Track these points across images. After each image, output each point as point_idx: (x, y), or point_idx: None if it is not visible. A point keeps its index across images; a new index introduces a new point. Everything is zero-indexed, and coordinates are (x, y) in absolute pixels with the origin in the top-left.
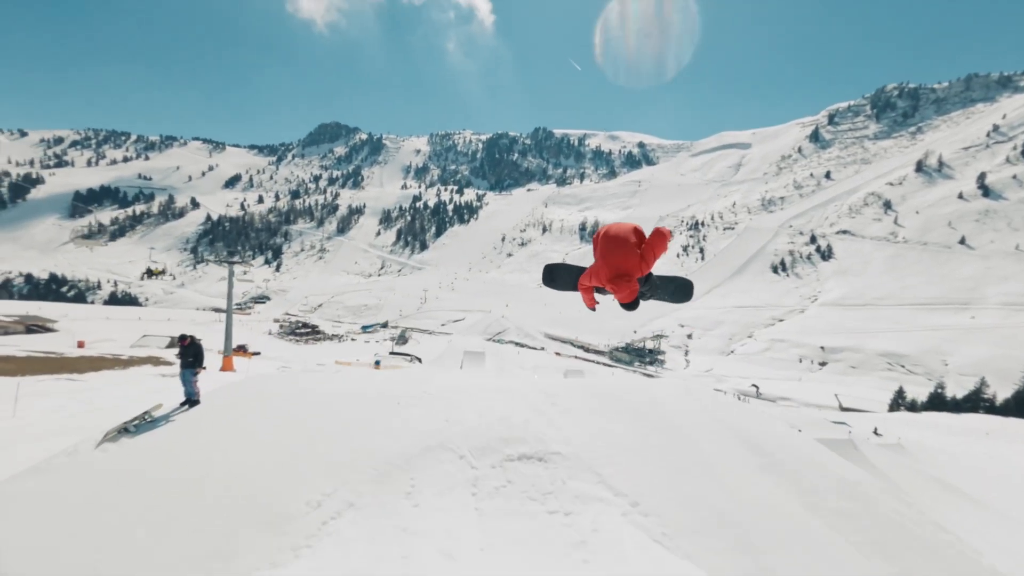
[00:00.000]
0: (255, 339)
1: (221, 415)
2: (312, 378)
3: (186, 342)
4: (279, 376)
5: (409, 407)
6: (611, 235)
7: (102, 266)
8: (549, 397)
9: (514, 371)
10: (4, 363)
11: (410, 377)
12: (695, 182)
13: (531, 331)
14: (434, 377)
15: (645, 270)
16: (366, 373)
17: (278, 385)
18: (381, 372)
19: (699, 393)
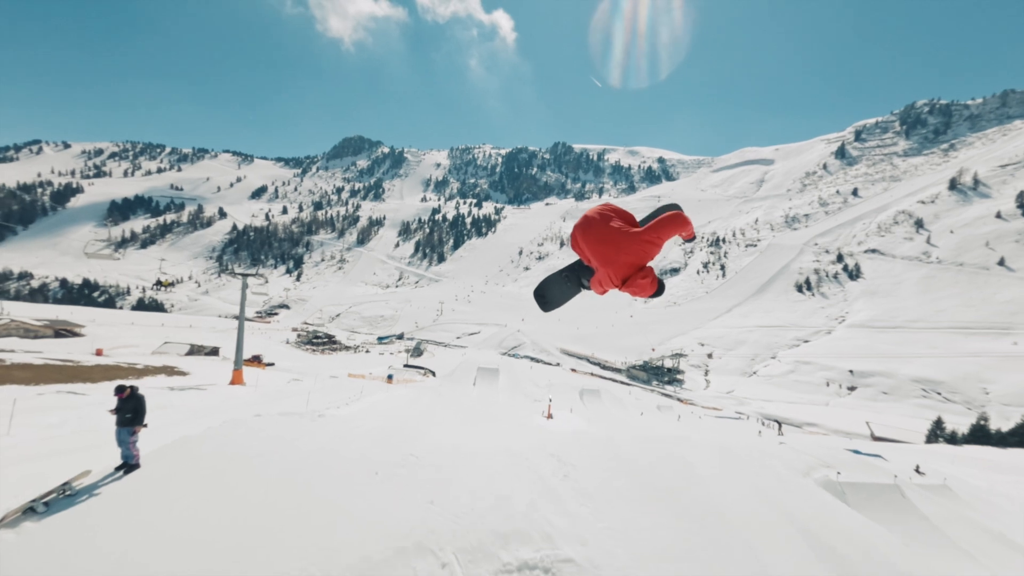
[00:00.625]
0: (273, 348)
1: (158, 490)
2: (287, 429)
3: (124, 394)
4: (248, 426)
5: (389, 478)
6: (597, 235)
7: (132, 272)
8: (561, 465)
9: (528, 388)
10: (21, 371)
11: (400, 429)
12: (716, 198)
13: (547, 346)
14: (426, 433)
15: (655, 251)
16: (349, 419)
17: (242, 442)
18: (384, 397)
19: (739, 457)
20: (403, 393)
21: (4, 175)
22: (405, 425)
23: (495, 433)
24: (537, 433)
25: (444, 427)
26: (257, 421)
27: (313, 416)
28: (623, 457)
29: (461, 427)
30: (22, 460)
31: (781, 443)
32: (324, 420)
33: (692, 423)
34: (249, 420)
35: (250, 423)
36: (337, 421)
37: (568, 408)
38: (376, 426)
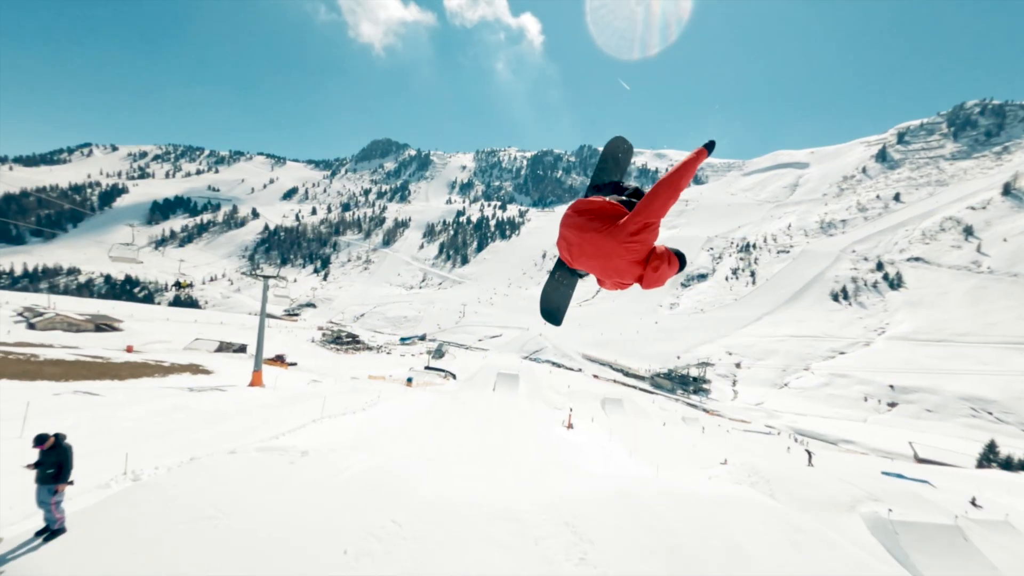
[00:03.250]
0: (299, 346)
1: (75, 568)
2: (257, 475)
3: (45, 444)
4: (212, 472)
5: (359, 558)
6: (583, 252)
7: (170, 270)
8: (577, 541)
9: (548, 395)
10: (52, 367)
11: (391, 475)
12: (747, 202)
13: (569, 351)
14: (420, 481)
15: (651, 238)
16: (335, 460)
17: (196, 496)
18: (399, 403)
19: (797, 528)
20: (420, 399)
21: (58, 176)
22: (398, 467)
23: (500, 480)
24: (551, 480)
25: (436, 487)
26: (226, 463)
27: (295, 455)
28: (656, 528)
29: (455, 485)
30: None
31: (810, 468)
32: (306, 459)
33: (720, 437)
34: (217, 461)
35: (215, 467)
36: (319, 461)
37: (589, 417)
38: (364, 470)
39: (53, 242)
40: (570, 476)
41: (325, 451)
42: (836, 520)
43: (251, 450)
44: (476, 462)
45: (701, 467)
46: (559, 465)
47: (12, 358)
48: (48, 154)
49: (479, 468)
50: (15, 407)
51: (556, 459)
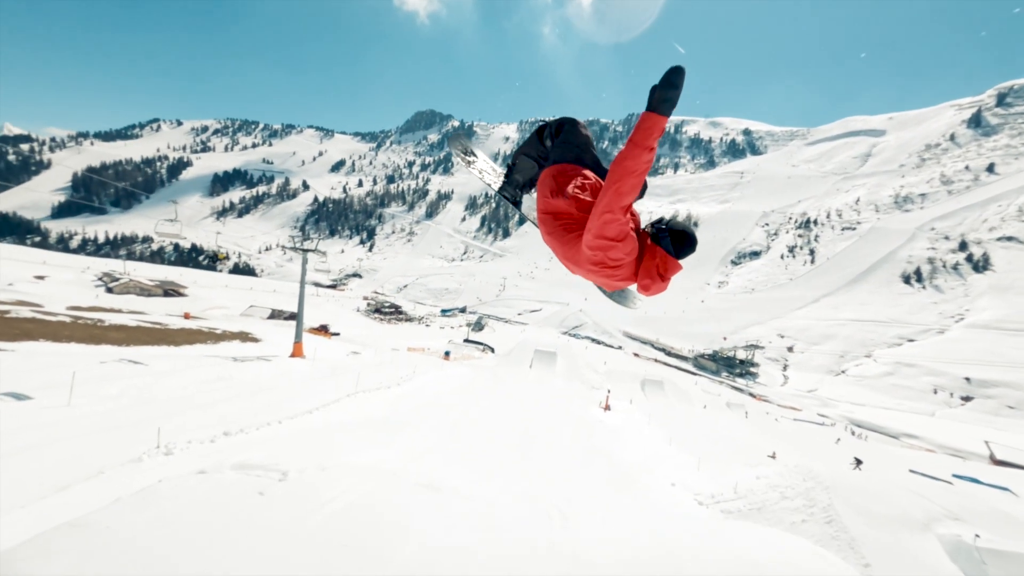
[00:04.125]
0: (344, 315)
1: None
2: (216, 511)
3: None
4: (160, 507)
5: None
6: (564, 259)
7: (230, 239)
8: None
9: (587, 374)
10: (116, 332)
11: (381, 515)
12: (810, 174)
13: (609, 328)
14: (420, 529)
15: (612, 228)
16: (317, 489)
17: (123, 548)
18: (434, 377)
19: None
20: (456, 374)
21: (132, 150)
22: (399, 492)
23: (508, 536)
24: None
25: (467, 464)
26: (184, 493)
27: (274, 477)
28: None
29: (490, 464)
30: (75, 436)
31: (857, 469)
32: (283, 487)
33: (767, 425)
34: (176, 490)
35: (168, 501)
36: (299, 488)
37: (628, 399)
38: (351, 502)
39: (129, 212)
40: (603, 517)
41: (313, 470)
42: (909, 541)
43: (226, 469)
44: (505, 463)
45: (747, 460)
46: (595, 454)
47: (81, 323)
48: (123, 129)
49: (507, 473)
50: (62, 374)
51: (592, 446)
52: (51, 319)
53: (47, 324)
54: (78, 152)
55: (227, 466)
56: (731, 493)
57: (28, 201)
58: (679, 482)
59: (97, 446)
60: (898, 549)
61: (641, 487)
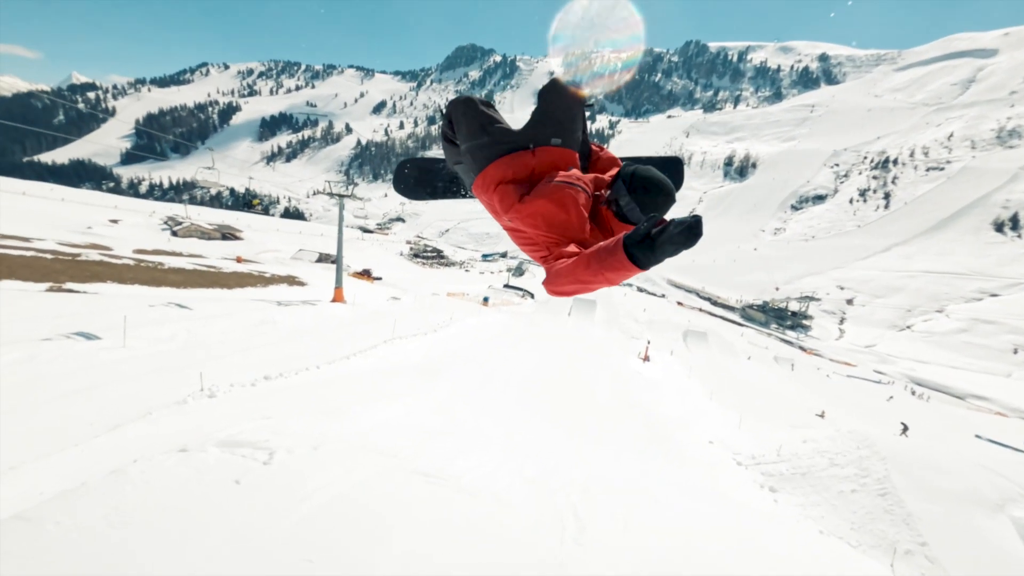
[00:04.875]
0: (388, 259)
1: None
2: (187, 497)
3: None
4: (122, 495)
5: None
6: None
7: (281, 184)
8: None
9: (626, 323)
10: (174, 275)
11: (360, 523)
12: (895, 105)
13: (653, 275)
14: (402, 533)
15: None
16: (303, 476)
17: (66, 548)
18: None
19: None
20: (493, 321)
21: (185, 96)
22: (391, 480)
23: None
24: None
25: (487, 431)
26: (157, 478)
27: (261, 458)
28: None
29: (515, 427)
30: (129, 377)
31: (903, 435)
32: (266, 472)
33: (816, 381)
34: (147, 474)
35: (133, 488)
36: (282, 475)
37: (669, 350)
38: (332, 497)
39: (188, 158)
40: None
41: (305, 449)
42: (976, 520)
43: (209, 447)
44: (535, 420)
45: (793, 420)
46: (631, 408)
47: (143, 265)
48: (175, 75)
49: (534, 436)
50: (114, 318)
51: (629, 400)
52: (117, 262)
53: (113, 267)
54: (137, 99)
55: (212, 443)
56: (773, 455)
57: (100, 148)
58: (718, 440)
59: (147, 388)
60: (962, 528)
61: (676, 444)
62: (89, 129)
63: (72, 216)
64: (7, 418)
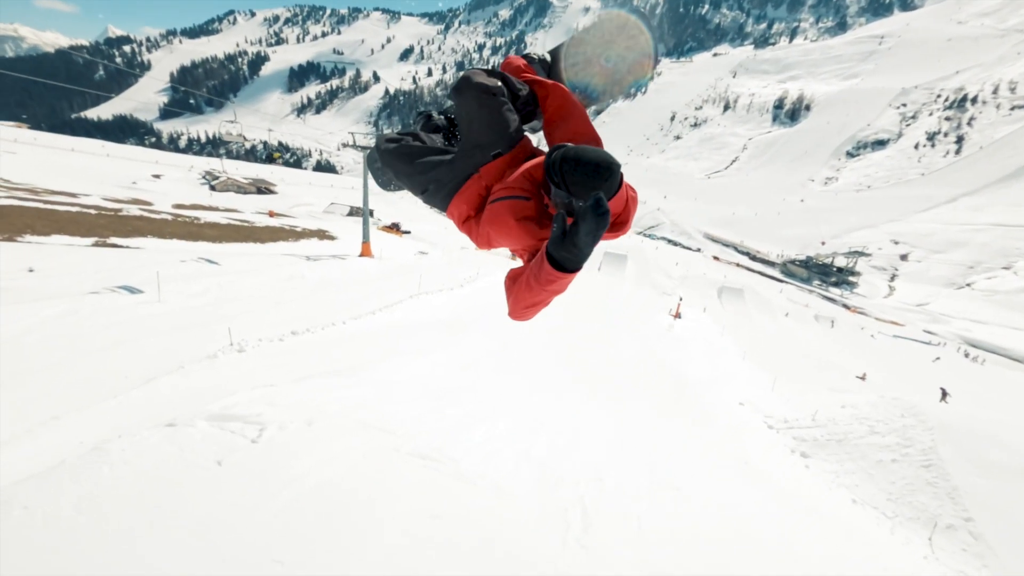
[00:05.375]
0: (418, 212)
1: None
2: (153, 498)
3: None
4: (99, 475)
5: None
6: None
7: (311, 136)
8: None
9: (658, 279)
10: (210, 229)
11: (341, 513)
12: (980, 33)
13: (688, 228)
14: (389, 527)
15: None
16: (293, 454)
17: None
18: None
19: None
20: None
21: (215, 47)
22: (371, 485)
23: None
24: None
25: (496, 402)
26: (137, 457)
27: (251, 435)
28: None
29: (527, 394)
30: (164, 331)
31: (943, 402)
32: (254, 450)
33: (859, 341)
34: (128, 453)
35: (110, 469)
36: (270, 454)
37: (702, 307)
38: (319, 483)
39: (222, 111)
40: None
41: (299, 424)
42: None
43: (199, 421)
44: (554, 381)
45: (831, 383)
46: (658, 368)
47: (181, 220)
48: (204, 25)
49: (551, 400)
50: (152, 273)
51: (656, 359)
52: (156, 217)
53: (153, 222)
54: (170, 52)
55: (202, 416)
56: (808, 420)
57: (140, 104)
58: (749, 402)
59: (180, 342)
60: (1012, 504)
61: (704, 406)
62: (127, 84)
63: (117, 172)
64: (51, 371)
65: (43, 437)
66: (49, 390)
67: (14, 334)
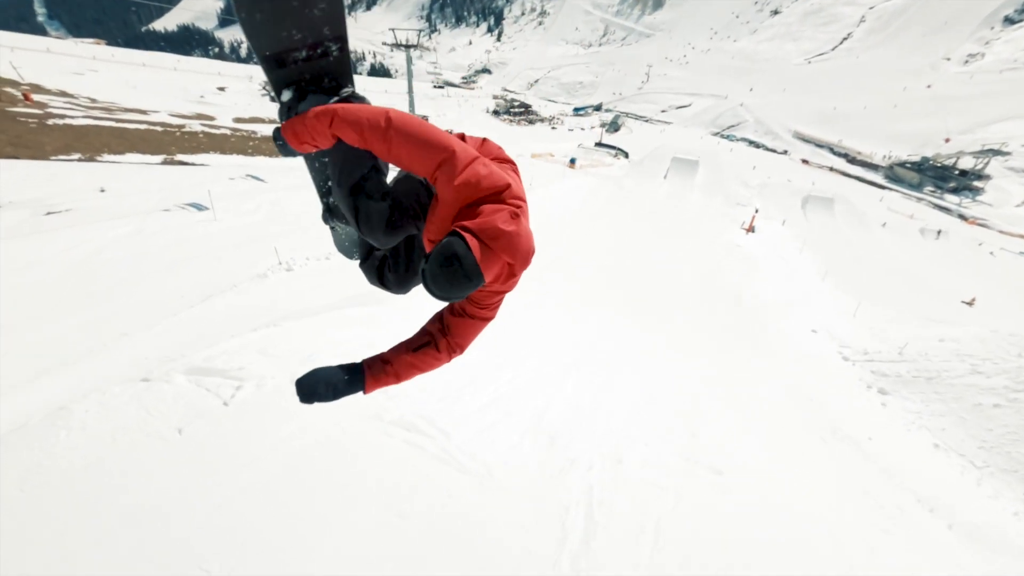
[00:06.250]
0: (473, 117)
1: None
2: (117, 463)
3: None
4: (45, 442)
5: None
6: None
7: (363, 37)
8: None
9: (733, 188)
10: (267, 143)
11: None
12: None
13: (775, 127)
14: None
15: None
16: (267, 421)
17: None
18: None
19: None
20: (577, 185)
21: None
22: (340, 463)
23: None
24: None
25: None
26: (100, 420)
27: (228, 392)
28: None
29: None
30: (218, 249)
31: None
32: (227, 412)
33: (975, 258)
34: (89, 414)
35: (67, 435)
36: (241, 428)
37: (781, 219)
38: (288, 457)
39: None
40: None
41: (276, 385)
42: None
43: (176, 376)
44: (599, 313)
45: (929, 311)
46: (721, 292)
47: (240, 135)
48: None
49: (594, 337)
50: (211, 190)
51: (720, 282)
52: (217, 132)
53: (214, 138)
54: None
55: (180, 369)
56: (893, 352)
57: (200, 12)
58: (824, 329)
59: (234, 260)
60: None
61: (771, 334)
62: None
63: (187, 85)
64: (118, 289)
65: (117, 352)
66: (118, 309)
67: (87, 253)
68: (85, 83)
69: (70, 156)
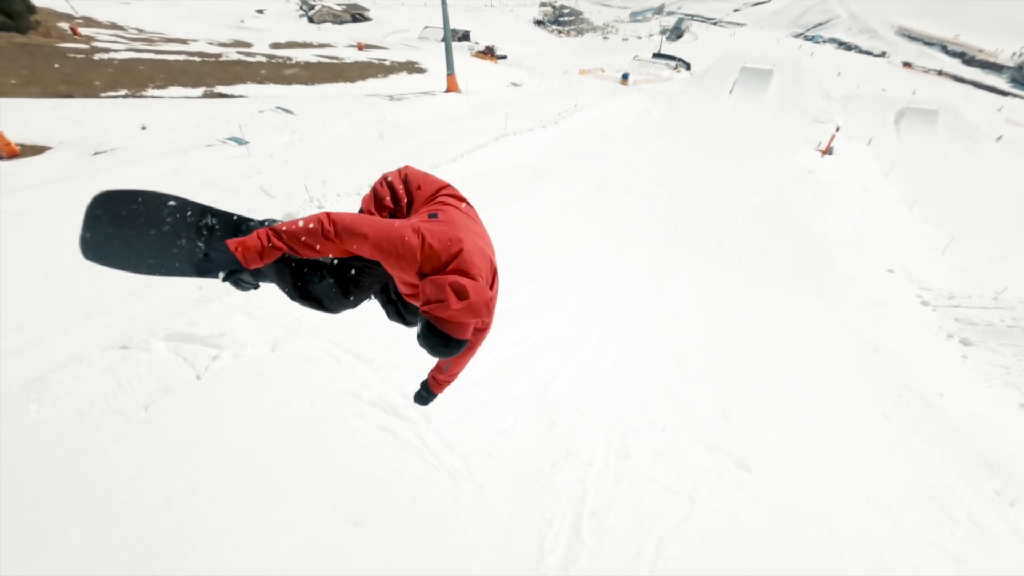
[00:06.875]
0: (520, 29)
1: None
2: (95, 442)
3: None
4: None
5: None
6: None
7: None
8: None
9: (812, 102)
10: (302, 71)
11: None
12: None
13: (874, 22)
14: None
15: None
16: (241, 393)
17: None
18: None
19: None
20: (627, 105)
21: None
22: (302, 454)
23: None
24: None
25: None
26: (70, 393)
27: (204, 362)
28: None
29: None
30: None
31: None
32: (194, 391)
33: None
34: (63, 386)
35: (39, 408)
36: (211, 401)
37: (867, 138)
38: (241, 453)
39: None
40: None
41: (261, 349)
42: None
43: (155, 342)
44: (638, 253)
45: None
46: (785, 225)
47: (275, 62)
48: None
49: (625, 283)
50: (246, 122)
51: (784, 212)
52: (252, 60)
53: (249, 66)
54: None
55: (160, 336)
56: (987, 297)
57: None
58: (903, 268)
59: (266, 198)
60: None
61: (836, 273)
62: None
63: (228, 9)
64: None
65: (127, 308)
66: None
67: None
68: (132, 13)
69: (118, 92)
